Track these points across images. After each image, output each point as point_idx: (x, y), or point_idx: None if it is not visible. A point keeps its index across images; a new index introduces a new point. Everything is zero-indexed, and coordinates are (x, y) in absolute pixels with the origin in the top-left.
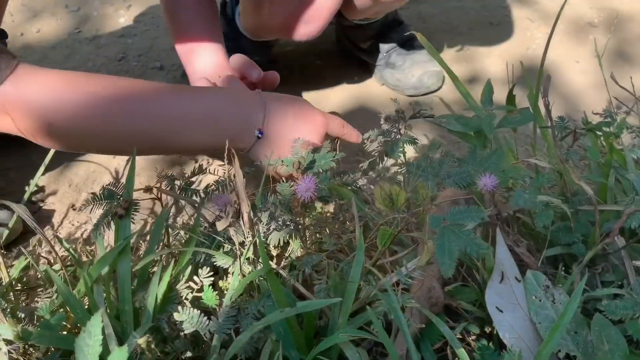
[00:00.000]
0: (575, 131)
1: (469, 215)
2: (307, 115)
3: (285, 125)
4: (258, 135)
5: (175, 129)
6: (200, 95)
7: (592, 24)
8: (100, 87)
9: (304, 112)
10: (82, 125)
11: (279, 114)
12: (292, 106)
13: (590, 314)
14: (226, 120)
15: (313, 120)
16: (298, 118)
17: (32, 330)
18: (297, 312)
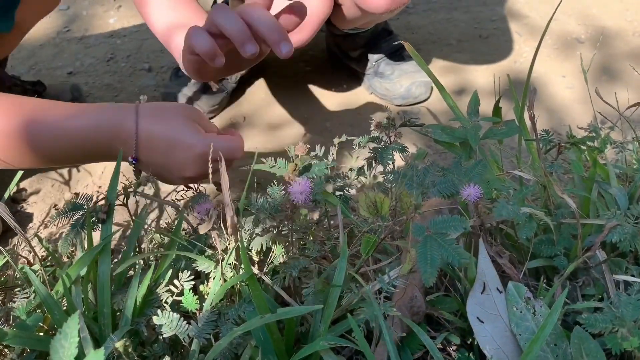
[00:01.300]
0: (560, 145)
1: (452, 224)
2: (181, 144)
3: (156, 156)
4: (133, 163)
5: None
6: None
7: (579, 40)
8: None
9: (178, 141)
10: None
11: (149, 141)
12: (166, 131)
13: (570, 327)
14: (95, 151)
15: (187, 150)
16: (171, 148)
17: (8, 330)
18: (278, 318)
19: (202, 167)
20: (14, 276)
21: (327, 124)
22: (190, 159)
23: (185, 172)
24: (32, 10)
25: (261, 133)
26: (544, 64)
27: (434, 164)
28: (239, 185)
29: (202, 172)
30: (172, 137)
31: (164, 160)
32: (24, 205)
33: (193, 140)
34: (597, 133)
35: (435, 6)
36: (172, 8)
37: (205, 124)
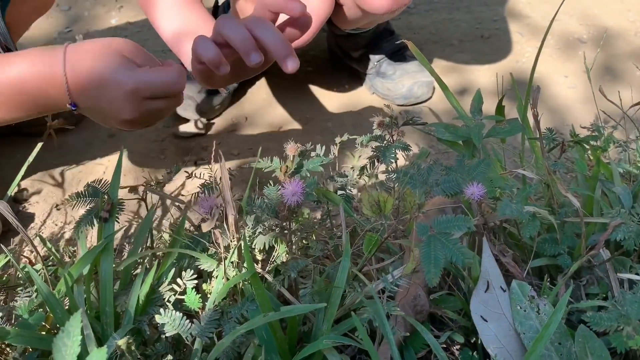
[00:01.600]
0: (564, 143)
1: (456, 224)
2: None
3: (89, 100)
4: (73, 109)
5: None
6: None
7: (581, 40)
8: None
9: (105, 78)
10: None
11: (81, 85)
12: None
13: (574, 326)
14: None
15: (116, 88)
16: (103, 91)
17: (10, 329)
18: (281, 317)
19: (137, 107)
20: (16, 275)
21: (328, 124)
22: (121, 98)
23: (121, 114)
24: (22, 11)
25: (263, 133)
26: (546, 64)
27: (437, 163)
28: (240, 185)
29: (140, 113)
30: (100, 76)
31: (97, 103)
32: (25, 205)
33: (121, 77)
34: (600, 132)
35: (437, 6)
36: (179, 13)
37: (143, 58)
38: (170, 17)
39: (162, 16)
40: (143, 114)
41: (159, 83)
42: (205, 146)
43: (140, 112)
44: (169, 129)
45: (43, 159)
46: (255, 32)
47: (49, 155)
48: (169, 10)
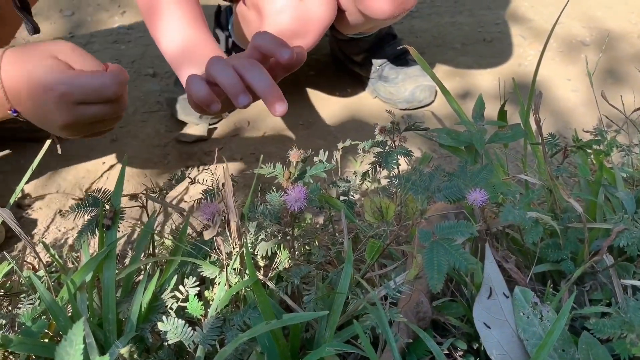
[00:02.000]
0: (566, 149)
1: (459, 230)
2: (40, 88)
3: (24, 104)
4: (14, 115)
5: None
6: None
7: (584, 43)
8: None
9: (37, 85)
10: None
11: (16, 92)
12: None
13: (577, 332)
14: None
15: (47, 96)
16: (33, 95)
17: (13, 337)
18: (284, 324)
19: (70, 112)
20: (19, 282)
21: (330, 128)
22: (51, 101)
23: (56, 119)
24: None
25: (265, 137)
26: (548, 67)
27: (440, 169)
28: (242, 190)
29: (74, 117)
30: (29, 79)
31: (32, 108)
32: (28, 211)
33: (51, 80)
34: (602, 136)
35: (439, 10)
36: (181, 31)
37: (83, 62)
38: (171, 34)
39: (163, 31)
40: (79, 119)
41: (89, 87)
42: (208, 151)
43: (75, 117)
44: (171, 134)
45: (46, 164)
46: (245, 75)
47: (52, 160)
48: (171, 25)
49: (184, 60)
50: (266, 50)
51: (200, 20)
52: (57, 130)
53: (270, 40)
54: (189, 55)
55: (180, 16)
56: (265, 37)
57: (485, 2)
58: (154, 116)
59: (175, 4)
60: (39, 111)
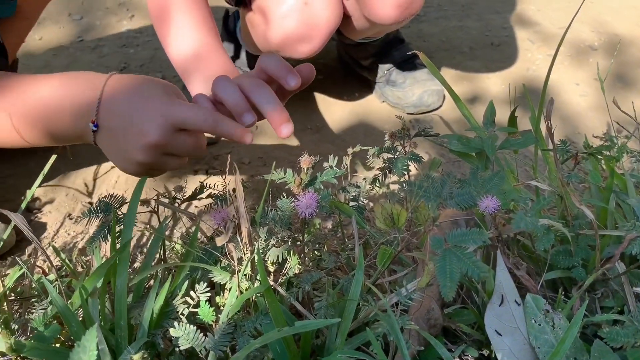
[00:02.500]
0: (577, 155)
1: (471, 237)
2: (148, 105)
3: (118, 117)
4: (93, 129)
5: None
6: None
7: (593, 47)
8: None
9: (145, 102)
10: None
11: (115, 105)
12: (135, 95)
13: (589, 340)
14: (67, 119)
15: (153, 112)
16: (136, 109)
17: (26, 342)
18: (296, 331)
19: (166, 134)
20: (30, 286)
21: (339, 132)
22: (151, 118)
23: (147, 138)
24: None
25: (273, 142)
26: (557, 71)
27: (451, 175)
28: (251, 195)
29: (165, 140)
30: (139, 90)
31: (122, 121)
32: (38, 214)
33: (162, 102)
34: (613, 142)
35: (447, 14)
36: (190, 37)
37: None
38: (181, 42)
39: (173, 39)
40: (157, 158)
41: (193, 119)
42: (217, 155)
43: (160, 130)
44: None
45: (56, 168)
46: (251, 95)
47: (62, 164)
48: (180, 32)
49: (192, 70)
50: (273, 74)
51: (211, 29)
52: (127, 158)
53: (277, 65)
54: (197, 65)
55: (191, 23)
56: (272, 60)
57: (493, 6)
58: None
59: (186, 10)
60: (128, 126)
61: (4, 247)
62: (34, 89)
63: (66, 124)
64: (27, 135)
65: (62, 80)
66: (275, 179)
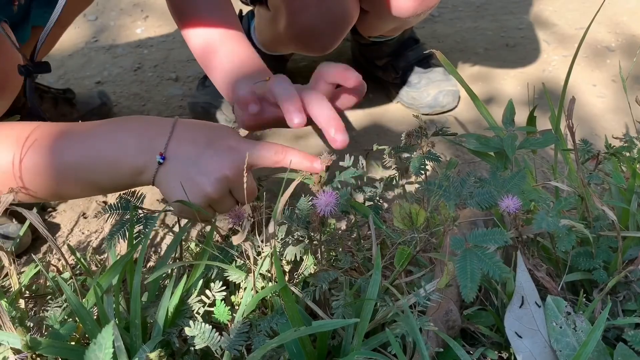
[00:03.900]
0: (599, 155)
1: (492, 237)
2: (224, 142)
3: (192, 149)
4: (159, 161)
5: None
6: (94, 137)
7: (610, 48)
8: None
9: (220, 139)
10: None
11: (186, 136)
12: (207, 130)
13: (610, 343)
14: (126, 156)
15: (230, 148)
16: (212, 143)
17: (41, 340)
18: (313, 331)
19: (240, 170)
20: (46, 284)
21: (353, 133)
22: (231, 155)
23: (223, 170)
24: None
25: (287, 143)
26: (573, 72)
27: (471, 174)
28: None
29: (239, 170)
30: (216, 130)
31: (200, 153)
32: (52, 213)
33: (237, 139)
34: (633, 143)
35: (462, 15)
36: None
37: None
38: (203, 23)
39: (194, 23)
40: (223, 194)
41: (269, 158)
42: None
43: (235, 169)
44: None
45: None
46: (307, 101)
47: None
48: (203, 14)
49: (213, 52)
50: (333, 79)
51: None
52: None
53: (334, 67)
54: (217, 46)
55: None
56: (329, 65)
57: (508, 7)
58: None
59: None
60: (205, 156)
61: (20, 247)
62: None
63: (127, 162)
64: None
65: (123, 122)
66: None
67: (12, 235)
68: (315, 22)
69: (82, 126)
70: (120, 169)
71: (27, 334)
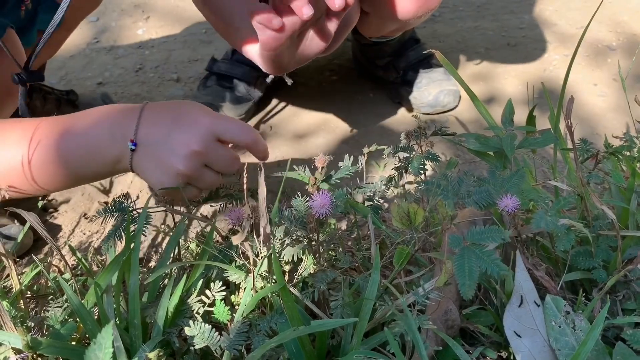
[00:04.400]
0: (598, 154)
1: (490, 235)
2: (188, 117)
3: (159, 131)
4: (131, 148)
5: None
6: (70, 128)
7: (611, 47)
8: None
9: (185, 115)
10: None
11: (153, 119)
12: (172, 110)
13: (609, 342)
14: (102, 146)
15: (195, 123)
16: (177, 122)
17: (42, 339)
18: (312, 331)
19: (208, 143)
20: (47, 285)
21: (353, 133)
22: (195, 130)
23: (190, 146)
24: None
25: (288, 142)
26: (574, 71)
27: (469, 174)
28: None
29: (207, 144)
30: (181, 107)
31: (165, 135)
32: (54, 214)
33: (204, 110)
34: (633, 142)
35: (462, 14)
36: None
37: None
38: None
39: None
40: (197, 168)
41: (236, 131)
42: None
43: (203, 143)
44: None
45: None
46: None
47: None
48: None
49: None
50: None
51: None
52: (171, 168)
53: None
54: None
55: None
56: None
57: (509, 7)
58: None
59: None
60: (171, 140)
61: (22, 248)
62: (69, 122)
63: (103, 153)
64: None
65: (94, 113)
66: (292, 177)
67: (13, 236)
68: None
69: (61, 120)
70: (99, 160)
71: (28, 334)
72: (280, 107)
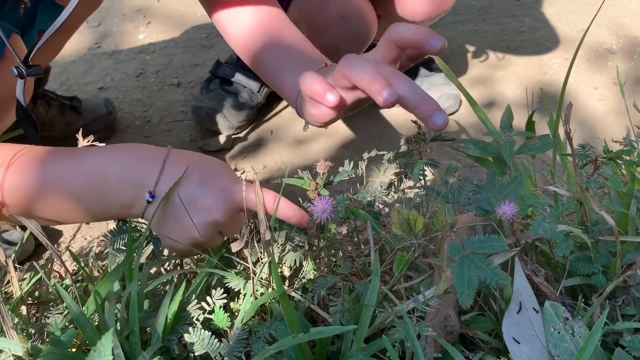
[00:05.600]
0: (597, 160)
1: (490, 244)
2: (214, 182)
3: (182, 190)
4: (148, 200)
5: (58, 207)
6: (83, 161)
7: (611, 51)
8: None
9: (211, 179)
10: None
11: (176, 174)
12: (199, 167)
13: (609, 348)
14: (115, 188)
15: (221, 191)
16: (202, 184)
17: (42, 347)
18: (311, 338)
19: (231, 214)
20: (47, 291)
21: (354, 137)
22: (222, 200)
23: (213, 215)
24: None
25: (288, 147)
26: (574, 75)
27: (468, 180)
28: None
29: (229, 211)
30: (207, 166)
31: (191, 196)
32: None
33: (229, 180)
34: (633, 146)
35: (463, 18)
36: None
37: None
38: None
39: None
40: (213, 236)
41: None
42: (231, 158)
43: (224, 210)
44: (196, 143)
45: None
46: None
47: None
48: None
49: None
50: (410, 43)
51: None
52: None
53: (412, 29)
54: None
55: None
56: (403, 27)
57: (509, 10)
58: (179, 125)
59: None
60: (187, 207)
61: (23, 254)
62: (82, 156)
63: (113, 195)
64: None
65: (113, 151)
66: (293, 183)
67: (15, 242)
68: (336, 41)
69: (76, 152)
70: (109, 202)
71: (28, 341)
72: (281, 113)
